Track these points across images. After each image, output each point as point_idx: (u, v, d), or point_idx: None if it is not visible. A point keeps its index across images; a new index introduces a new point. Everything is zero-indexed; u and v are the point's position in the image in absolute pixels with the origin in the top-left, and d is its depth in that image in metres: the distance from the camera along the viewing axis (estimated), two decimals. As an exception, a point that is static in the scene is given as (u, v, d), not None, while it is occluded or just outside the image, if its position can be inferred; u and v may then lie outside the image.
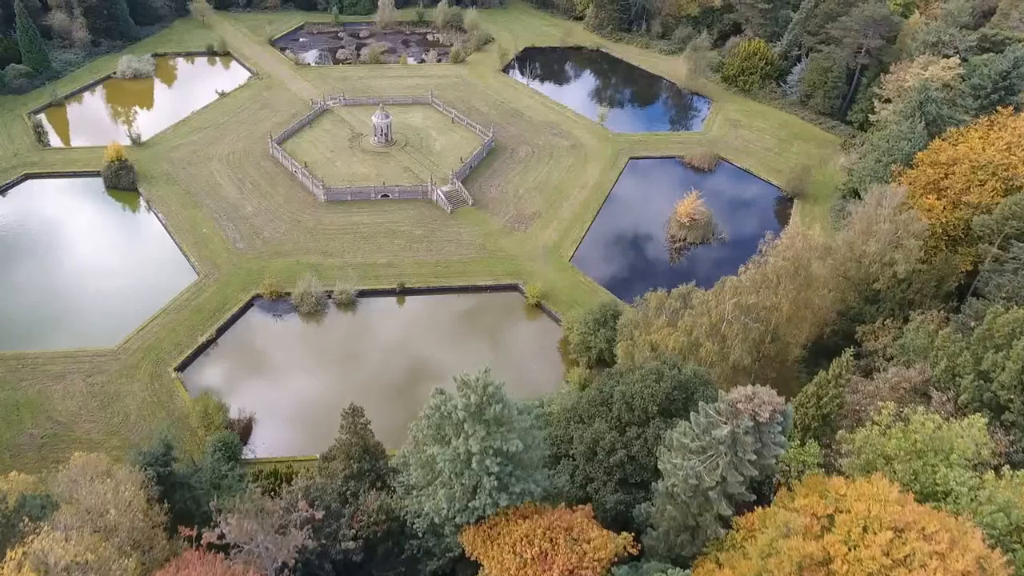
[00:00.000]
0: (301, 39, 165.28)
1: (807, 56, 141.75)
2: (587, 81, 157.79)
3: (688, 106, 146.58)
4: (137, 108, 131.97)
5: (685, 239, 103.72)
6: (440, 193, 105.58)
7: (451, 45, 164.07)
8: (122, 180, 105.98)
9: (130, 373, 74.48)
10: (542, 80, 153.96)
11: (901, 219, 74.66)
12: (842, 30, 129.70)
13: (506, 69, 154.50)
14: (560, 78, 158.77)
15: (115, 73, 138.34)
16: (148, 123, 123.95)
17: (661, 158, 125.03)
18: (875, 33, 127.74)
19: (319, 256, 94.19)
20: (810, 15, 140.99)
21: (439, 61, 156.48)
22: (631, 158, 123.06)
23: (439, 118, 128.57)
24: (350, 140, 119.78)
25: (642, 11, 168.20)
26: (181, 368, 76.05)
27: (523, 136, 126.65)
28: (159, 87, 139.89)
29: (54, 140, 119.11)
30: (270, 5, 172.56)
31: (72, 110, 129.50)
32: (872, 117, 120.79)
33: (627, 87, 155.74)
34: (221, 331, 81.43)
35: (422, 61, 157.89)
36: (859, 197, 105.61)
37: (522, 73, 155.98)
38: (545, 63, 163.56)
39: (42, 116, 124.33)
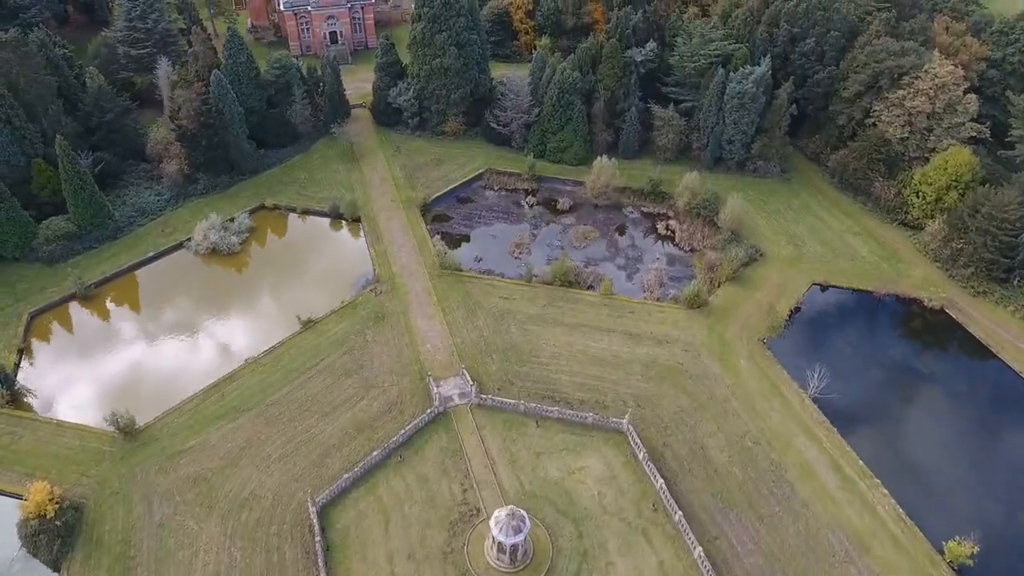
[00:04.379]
0: (472, 198, 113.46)
1: None
2: (922, 399, 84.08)
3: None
4: (177, 332, 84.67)
5: None
6: None
7: (692, 251, 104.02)
8: (41, 551, 59.80)
9: None
10: (837, 383, 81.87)
11: None
12: None
13: (774, 337, 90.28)
14: (872, 384, 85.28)
15: (189, 240, 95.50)
16: (172, 372, 78.31)
17: None
18: None
19: None
20: None
21: (662, 287, 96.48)
22: None
23: (630, 485, 68.74)
24: (452, 526, 64.53)
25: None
26: None
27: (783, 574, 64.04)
28: (234, 279, 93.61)
29: (34, 375, 77.08)
30: (449, 131, 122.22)
31: (91, 314, 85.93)
32: None
33: (996, 429, 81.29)
34: None
35: (635, 270, 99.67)
36: None
37: (797, 362, 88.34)
38: (846, 327, 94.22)
39: (68, 303, 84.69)
